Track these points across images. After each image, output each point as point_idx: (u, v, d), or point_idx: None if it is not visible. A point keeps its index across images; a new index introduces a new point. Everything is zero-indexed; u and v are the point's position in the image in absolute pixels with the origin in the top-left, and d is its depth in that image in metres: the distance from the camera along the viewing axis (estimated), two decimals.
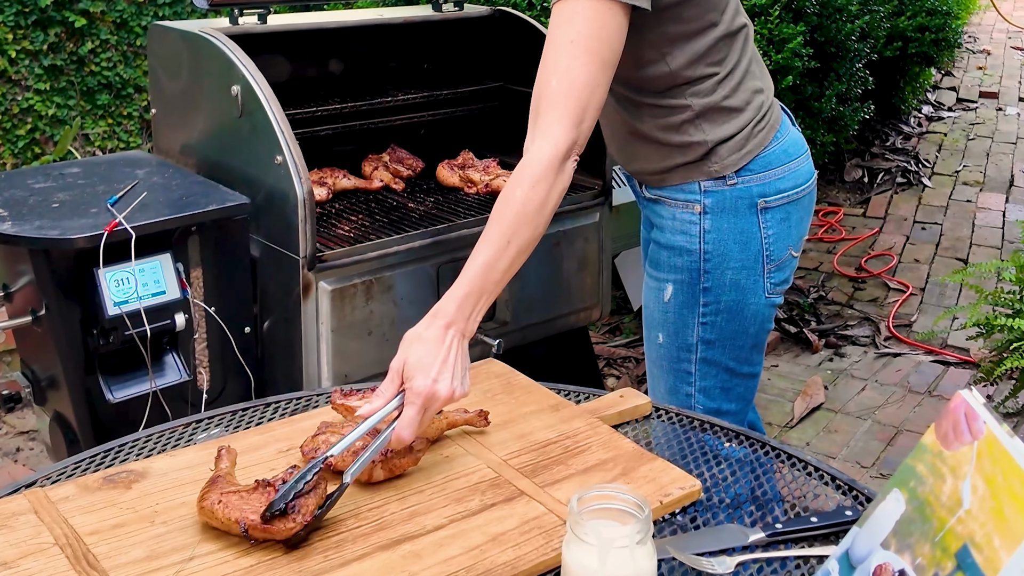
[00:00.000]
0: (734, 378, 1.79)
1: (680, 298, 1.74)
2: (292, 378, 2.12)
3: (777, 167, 1.69)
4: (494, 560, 1.10)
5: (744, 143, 1.66)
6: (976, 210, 4.97)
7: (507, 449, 1.33)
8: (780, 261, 1.73)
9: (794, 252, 1.76)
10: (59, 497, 1.20)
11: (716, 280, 1.71)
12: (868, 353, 3.69)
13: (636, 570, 0.96)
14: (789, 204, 1.71)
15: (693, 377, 1.78)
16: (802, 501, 1.28)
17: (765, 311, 1.75)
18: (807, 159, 1.77)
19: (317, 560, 1.09)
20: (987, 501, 0.81)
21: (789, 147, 1.72)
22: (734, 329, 1.74)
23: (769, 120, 1.70)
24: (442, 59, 2.82)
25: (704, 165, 1.66)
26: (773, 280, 1.73)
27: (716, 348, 1.75)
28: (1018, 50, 7.87)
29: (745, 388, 1.81)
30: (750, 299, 1.72)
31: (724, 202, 1.68)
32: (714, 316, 1.73)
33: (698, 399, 1.79)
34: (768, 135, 1.69)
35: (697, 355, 1.76)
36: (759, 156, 1.68)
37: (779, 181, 1.69)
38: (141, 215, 1.91)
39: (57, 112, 4.34)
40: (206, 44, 2.14)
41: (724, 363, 1.77)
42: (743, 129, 1.66)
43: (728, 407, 1.79)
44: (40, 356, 2.06)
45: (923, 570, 0.85)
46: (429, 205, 2.42)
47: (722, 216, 1.69)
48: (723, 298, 1.72)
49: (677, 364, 1.79)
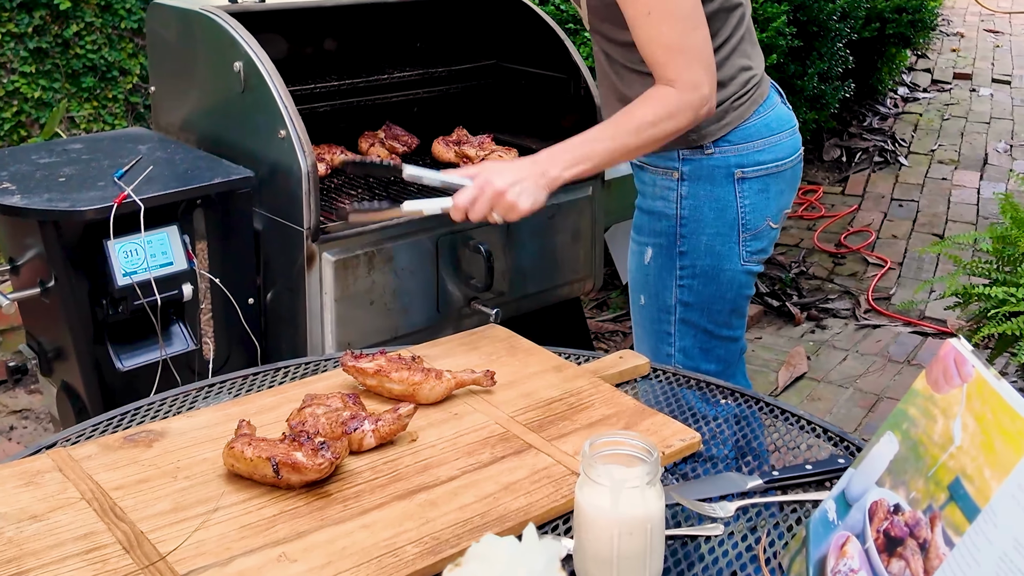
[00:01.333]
0: (712, 339, 1.85)
1: (659, 261, 1.81)
2: (296, 347, 2.16)
3: (756, 140, 1.75)
4: (507, 507, 1.15)
5: (723, 115, 1.72)
6: (951, 187, 5.06)
7: (514, 406, 1.37)
8: (757, 231, 1.78)
9: (772, 223, 1.81)
10: (82, 456, 1.24)
11: (692, 244, 1.78)
12: (849, 325, 3.78)
13: (646, 510, 1.01)
14: (768, 176, 1.77)
15: (672, 337, 1.85)
16: (796, 452, 1.34)
17: (741, 278, 1.80)
18: (792, 135, 1.81)
19: (337, 510, 1.13)
20: (977, 436, 0.86)
21: (772, 121, 1.77)
22: (711, 293, 1.80)
23: (752, 95, 1.75)
24: (436, 37, 2.86)
25: (684, 135, 1.70)
26: (749, 248, 1.79)
27: (694, 310, 1.82)
28: (991, 32, 7.96)
29: (725, 351, 1.87)
30: (726, 265, 1.78)
31: (701, 170, 1.75)
32: (691, 279, 1.80)
33: (677, 358, 1.85)
34: (750, 108, 1.74)
35: (676, 316, 1.83)
36: (738, 128, 1.73)
37: (758, 153, 1.75)
38: (148, 188, 1.94)
39: (43, 95, 4.33)
40: (208, 22, 2.17)
41: (702, 325, 1.83)
42: (723, 103, 1.71)
43: (707, 367, 1.85)
44: (48, 327, 2.09)
45: (917, 503, 0.89)
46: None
47: (699, 183, 1.75)
48: (699, 263, 1.78)
49: (658, 325, 1.86)
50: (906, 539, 0.89)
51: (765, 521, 1.17)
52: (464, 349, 1.56)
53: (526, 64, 2.68)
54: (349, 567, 1.04)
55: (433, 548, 1.08)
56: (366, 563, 1.05)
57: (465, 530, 1.11)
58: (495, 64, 2.75)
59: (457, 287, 2.30)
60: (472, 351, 1.55)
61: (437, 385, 1.37)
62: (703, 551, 1.12)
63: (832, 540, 0.99)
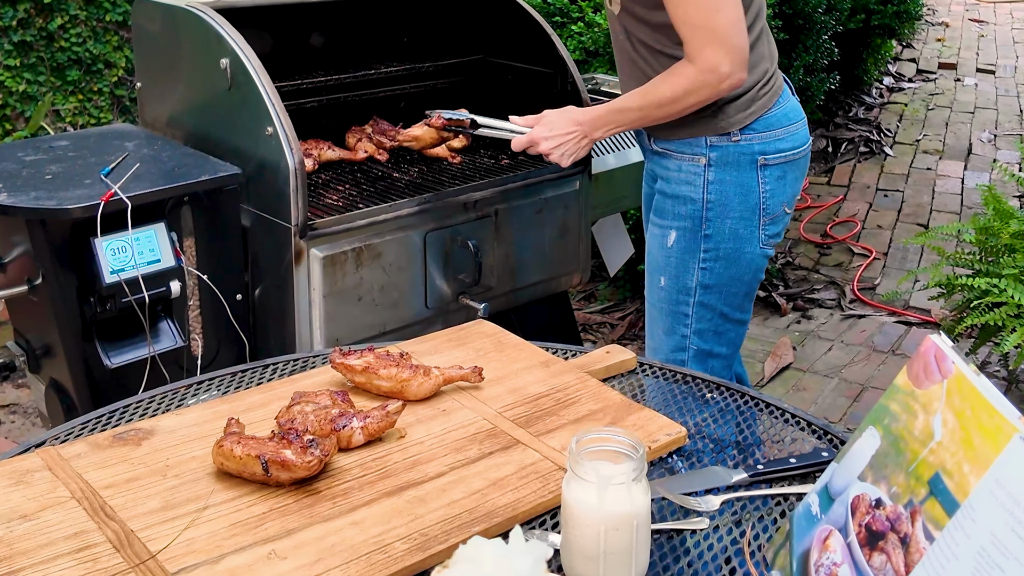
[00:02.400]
0: (726, 323, 1.92)
1: (683, 244, 1.88)
2: (284, 343, 2.16)
3: (777, 128, 1.84)
4: (495, 502, 1.16)
5: (750, 104, 1.81)
6: (936, 177, 5.09)
7: (501, 402, 1.38)
8: (774, 215, 1.87)
9: (787, 209, 1.90)
10: (71, 454, 1.24)
11: (717, 228, 1.85)
12: (834, 315, 3.80)
13: (632, 505, 1.02)
14: (786, 163, 1.85)
15: (690, 319, 1.91)
16: (780, 446, 1.36)
17: (759, 261, 1.89)
18: (804, 126, 1.91)
19: (326, 507, 1.14)
20: (957, 432, 0.87)
21: (789, 112, 1.87)
22: (731, 276, 1.88)
23: (773, 85, 1.84)
24: (423, 32, 2.86)
25: (713, 121, 1.80)
26: (767, 232, 1.88)
27: (713, 293, 1.89)
28: (976, 22, 8.00)
29: (735, 334, 1.96)
30: (746, 248, 1.86)
31: (728, 157, 1.82)
32: (713, 262, 1.87)
33: (693, 340, 1.92)
34: (772, 99, 1.83)
35: (695, 298, 1.89)
36: (762, 117, 1.82)
37: (779, 142, 1.84)
38: (135, 185, 1.94)
39: (27, 88, 4.31)
40: (194, 18, 2.16)
41: (719, 308, 1.90)
42: (750, 90, 1.80)
43: (719, 350, 1.93)
44: (36, 325, 2.09)
45: (898, 498, 0.91)
46: (414, 175, 2.47)
47: (725, 169, 1.83)
48: (722, 246, 1.86)
49: (676, 306, 1.92)
50: (887, 533, 0.91)
51: (750, 515, 1.19)
52: (452, 345, 1.57)
53: (513, 59, 2.69)
54: (338, 564, 1.05)
55: (422, 544, 1.08)
56: (355, 560, 1.06)
57: (453, 526, 1.12)
58: (482, 59, 2.76)
59: (445, 282, 2.31)
60: (460, 347, 1.56)
61: (425, 382, 1.38)
62: (689, 545, 1.13)
63: (815, 534, 1.00)
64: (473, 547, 0.99)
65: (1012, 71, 6.75)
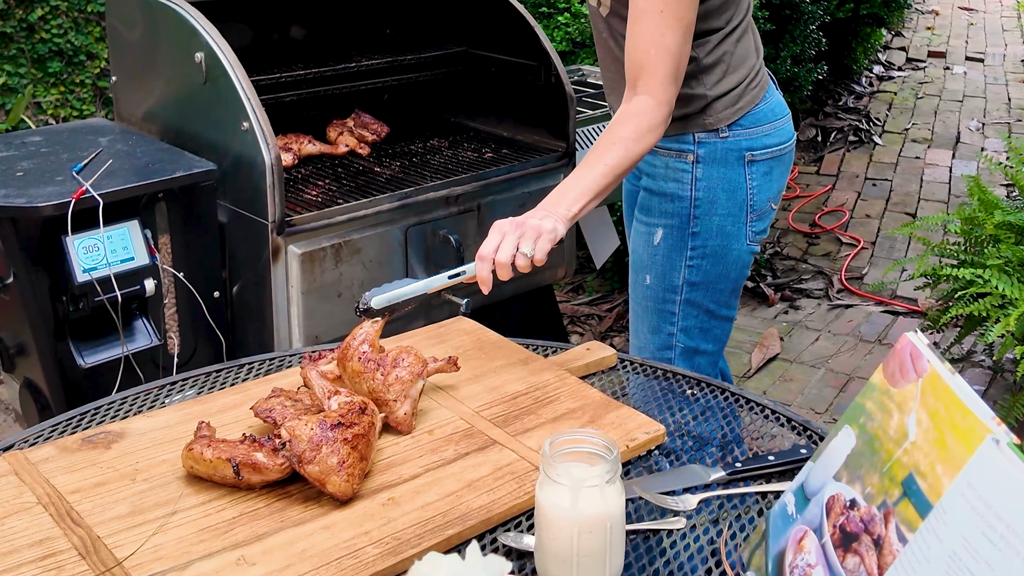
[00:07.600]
0: (712, 319, 1.90)
1: (669, 241, 1.85)
2: (263, 341, 2.14)
3: (764, 124, 1.81)
4: (469, 505, 1.14)
5: (738, 100, 1.78)
6: (924, 166, 5.08)
7: (479, 401, 1.37)
8: (761, 211, 1.85)
9: (773, 205, 1.88)
10: (39, 459, 1.22)
11: (704, 225, 1.83)
12: (821, 305, 3.80)
13: (606, 508, 1.00)
14: (772, 159, 1.83)
15: (676, 317, 1.89)
16: (760, 442, 1.34)
17: (745, 257, 1.87)
18: (788, 121, 1.89)
19: (298, 511, 1.13)
20: (931, 433, 0.85)
21: (775, 107, 1.85)
22: (718, 273, 1.86)
23: (759, 81, 1.82)
24: (405, 24, 2.83)
25: (700, 118, 1.77)
26: (754, 228, 1.86)
27: (699, 290, 1.87)
28: (965, 11, 7.99)
29: (722, 331, 1.94)
30: (733, 245, 1.84)
31: (715, 153, 1.80)
32: (700, 260, 1.85)
33: (679, 338, 1.90)
34: (759, 94, 1.81)
35: (681, 296, 1.87)
36: (749, 113, 1.79)
37: (766, 137, 1.81)
38: (108, 182, 1.91)
39: (8, 81, 4.27)
40: (168, 11, 2.13)
41: (705, 305, 1.88)
42: (738, 86, 1.77)
43: (706, 347, 1.92)
44: (8, 323, 2.07)
45: (872, 498, 0.89)
46: (395, 169, 2.44)
47: (713, 166, 1.80)
48: (709, 243, 1.84)
49: (662, 304, 1.89)
50: (861, 535, 0.89)
51: (727, 513, 1.17)
52: (431, 342, 1.55)
53: (496, 51, 2.66)
54: (308, 570, 1.03)
55: (394, 549, 1.07)
56: (325, 565, 1.04)
57: (426, 530, 1.10)
58: (465, 51, 2.73)
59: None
60: (439, 344, 1.54)
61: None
62: (665, 545, 1.12)
63: (791, 534, 0.99)
64: (429, 563, 0.97)
65: (1001, 59, 6.75)
